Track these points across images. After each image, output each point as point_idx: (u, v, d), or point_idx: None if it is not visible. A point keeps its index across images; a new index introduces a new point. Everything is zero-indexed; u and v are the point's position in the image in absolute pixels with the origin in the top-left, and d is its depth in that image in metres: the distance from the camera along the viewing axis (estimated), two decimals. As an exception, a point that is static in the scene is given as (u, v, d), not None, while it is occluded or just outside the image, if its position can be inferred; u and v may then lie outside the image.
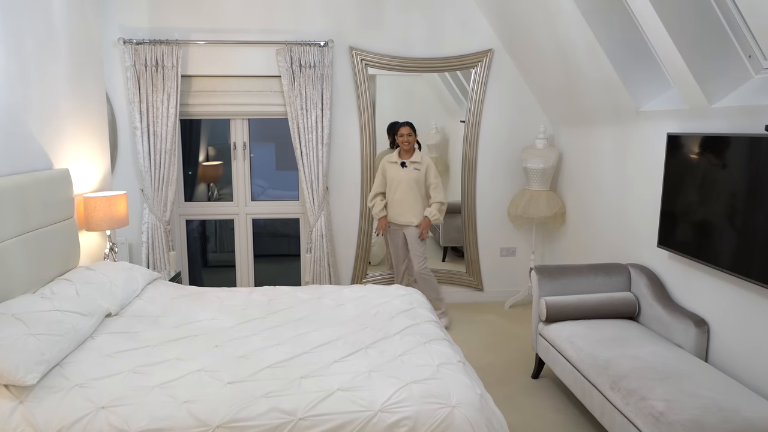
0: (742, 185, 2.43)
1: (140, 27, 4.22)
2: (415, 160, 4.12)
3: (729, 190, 2.51)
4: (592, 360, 2.70)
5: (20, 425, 1.78)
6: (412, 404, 1.87)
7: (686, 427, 2.06)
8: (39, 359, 1.93)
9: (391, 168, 4.18)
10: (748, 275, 2.38)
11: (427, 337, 2.40)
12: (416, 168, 4.12)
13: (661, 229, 3.01)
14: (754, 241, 2.35)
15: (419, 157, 4.13)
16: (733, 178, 2.49)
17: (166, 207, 4.33)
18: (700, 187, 2.71)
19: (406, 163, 4.13)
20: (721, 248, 2.57)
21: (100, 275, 2.79)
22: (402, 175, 4.13)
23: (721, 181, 2.56)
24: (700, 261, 2.70)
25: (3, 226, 2.41)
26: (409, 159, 4.14)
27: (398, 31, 4.45)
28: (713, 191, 2.62)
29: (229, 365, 2.13)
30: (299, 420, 1.81)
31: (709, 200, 2.64)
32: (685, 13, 2.55)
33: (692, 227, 2.77)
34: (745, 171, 2.42)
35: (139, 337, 2.40)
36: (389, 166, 4.19)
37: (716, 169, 2.60)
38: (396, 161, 4.16)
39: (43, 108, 2.93)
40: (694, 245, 2.76)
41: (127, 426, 1.78)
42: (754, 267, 2.35)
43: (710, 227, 2.63)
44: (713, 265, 2.61)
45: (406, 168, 4.12)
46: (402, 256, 4.35)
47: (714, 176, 2.61)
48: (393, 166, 4.17)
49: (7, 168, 2.60)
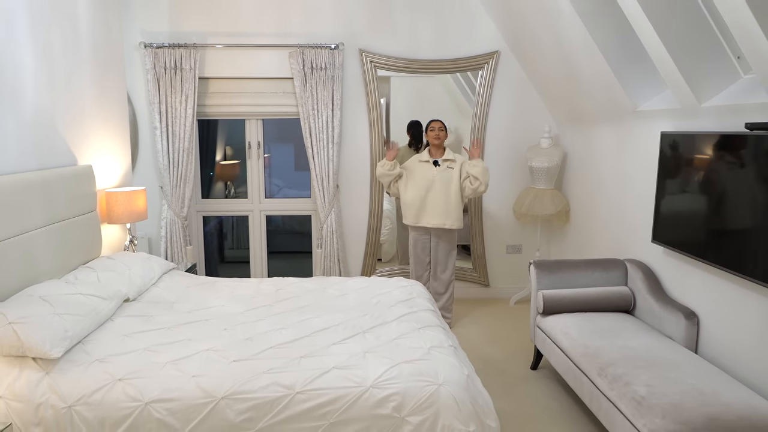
0: (727, 182, 2.52)
1: (160, 31, 4.44)
2: (449, 157, 3.93)
3: (715, 188, 2.61)
4: (584, 349, 2.81)
5: (46, 393, 1.96)
6: (401, 381, 2.01)
7: (665, 410, 2.17)
8: (63, 336, 2.12)
9: (422, 167, 3.95)
10: (735, 269, 2.46)
11: (422, 324, 2.54)
12: (449, 166, 3.91)
13: (655, 226, 3.11)
14: (740, 237, 2.44)
15: (452, 154, 3.95)
16: (719, 175, 2.59)
17: (183, 203, 4.54)
18: (690, 185, 2.80)
19: (438, 161, 3.93)
20: (709, 243, 2.66)
21: (120, 264, 2.99)
22: (434, 174, 3.90)
23: (708, 178, 2.66)
24: (690, 256, 2.79)
25: (31, 217, 2.62)
26: (441, 157, 3.95)
27: (407, 33, 4.59)
28: (701, 188, 2.71)
29: (236, 346, 2.30)
30: (297, 393, 1.97)
31: (698, 197, 2.73)
32: (675, 15, 2.65)
33: (683, 223, 2.87)
34: (729, 168, 2.51)
35: (154, 321, 2.58)
36: (419, 165, 3.96)
37: (703, 166, 2.69)
38: (428, 160, 3.95)
39: (68, 109, 3.14)
40: (684, 241, 2.85)
41: (141, 395, 1.96)
42: (740, 261, 2.44)
43: (699, 223, 2.72)
44: (703, 260, 2.70)
45: (439, 167, 3.91)
46: (424, 264, 4.11)
47: (702, 174, 2.71)
48: (424, 165, 3.95)
49: (35, 164, 2.81)
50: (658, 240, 3.07)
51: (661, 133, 3.04)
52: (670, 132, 2.97)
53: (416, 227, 4.03)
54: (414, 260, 4.14)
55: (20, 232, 2.52)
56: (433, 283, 4.15)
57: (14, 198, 2.48)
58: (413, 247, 4.10)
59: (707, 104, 2.73)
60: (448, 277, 4.12)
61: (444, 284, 4.13)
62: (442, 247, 4.05)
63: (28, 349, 2.03)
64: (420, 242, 4.08)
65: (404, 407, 1.95)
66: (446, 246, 4.04)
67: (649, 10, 2.64)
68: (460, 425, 1.94)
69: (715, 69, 2.71)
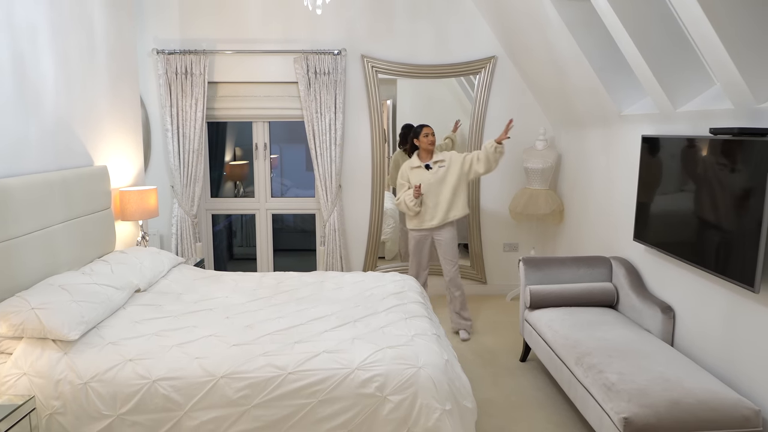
0: (695, 183, 2.68)
1: (172, 38, 4.67)
2: (438, 159, 4.03)
3: (686, 188, 2.77)
4: (564, 340, 2.98)
5: (64, 371, 2.19)
6: (384, 364, 2.20)
7: (631, 395, 2.33)
8: (80, 320, 2.35)
9: (415, 173, 4.04)
10: (703, 265, 2.62)
11: (409, 314, 2.73)
12: (441, 166, 4.00)
13: (636, 225, 3.27)
14: (708, 235, 2.60)
15: (440, 155, 4.05)
16: (688, 176, 2.74)
17: (193, 202, 4.77)
18: (665, 186, 2.96)
19: (430, 165, 4.03)
20: (683, 241, 2.82)
21: (132, 257, 3.21)
22: (428, 177, 4.00)
23: (679, 178, 2.82)
24: (667, 253, 2.95)
25: (52, 214, 2.85)
26: (431, 160, 4.05)
27: (407, 39, 4.78)
28: (675, 189, 2.87)
29: (236, 332, 2.51)
30: (289, 374, 2.17)
31: (672, 198, 2.90)
32: (653, 27, 2.81)
33: (660, 223, 3.03)
34: (697, 170, 2.67)
35: (162, 309, 2.80)
36: (413, 171, 4.06)
37: (675, 167, 2.85)
38: (419, 165, 4.04)
39: (85, 113, 3.38)
40: (662, 239, 3.01)
41: (149, 374, 2.17)
42: (708, 258, 2.60)
43: (675, 222, 2.88)
44: (677, 257, 2.85)
45: (431, 170, 4.01)
46: (425, 264, 4.18)
47: (674, 174, 2.87)
48: (416, 171, 4.04)
49: (55, 164, 3.04)
50: (639, 238, 3.23)
51: (641, 137, 3.20)
52: (649, 135, 3.13)
53: (420, 230, 4.09)
54: (412, 259, 4.20)
55: (42, 227, 2.76)
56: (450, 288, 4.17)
57: (37, 196, 2.72)
58: (414, 247, 4.15)
59: (682, 110, 2.89)
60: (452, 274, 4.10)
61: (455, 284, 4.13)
62: (444, 242, 4.06)
63: (48, 331, 2.26)
64: (419, 242, 4.12)
65: (386, 387, 2.15)
66: (447, 239, 4.06)
67: (627, 22, 2.80)
68: (436, 404, 2.13)
69: (690, 77, 2.87)
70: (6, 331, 2.28)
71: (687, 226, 2.76)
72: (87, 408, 2.13)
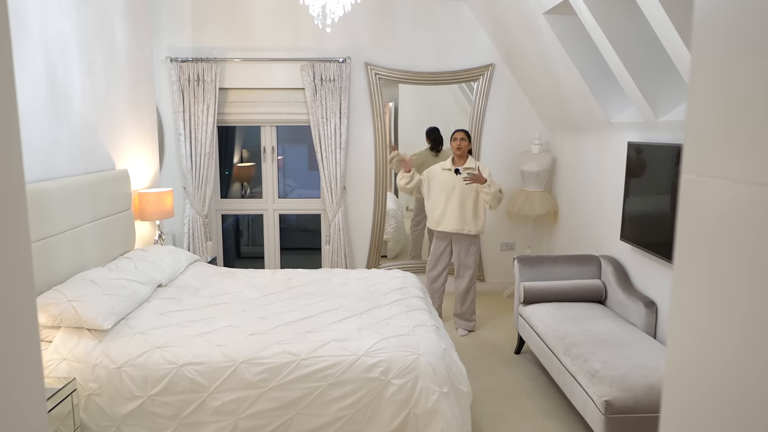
0: (671, 187, 2.91)
1: (184, 47, 4.91)
2: (469, 166, 4.07)
3: (663, 191, 3.00)
4: (554, 332, 3.21)
5: (100, 357, 2.42)
6: (388, 351, 2.44)
7: (613, 380, 2.57)
8: (111, 312, 2.58)
9: (444, 175, 4.10)
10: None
11: (410, 308, 2.97)
12: (470, 173, 4.00)
13: (622, 225, 3.50)
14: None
15: (473, 162, 4.09)
16: (666, 181, 2.98)
17: (204, 203, 5.01)
18: (648, 189, 3.20)
19: (460, 170, 4.07)
20: (663, 241, 3.05)
21: (153, 255, 3.45)
22: (455, 182, 4.05)
23: (659, 182, 3.05)
24: (649, 252, 3.19)
25: (81, 214, 3.09)
26: (463, 165, 4.10)
27: (408, 47, 5.01)
28: (655, 192, 3.10)
29: (252, 323, 2.74)
30: (302, 360, 2.40)
31: (652, 199, 3.13)
32: (635, 40, 3.04)
33: (644, 223, 3.26)
34: (673, 175, 2.90)
35: (183, 303, 3.04)
36: (442, 173, 4.12)
37: (656, 172, 3.09)
38: (450, 168, 4.11)
39: (108, 119, 3.61)
40: (645, 239, 3.24)
41: (176, 359, 2.41)
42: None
43: (656, 223, 3.12)
44: (659, 255, 3.09)
45: (460, 175, 4.05)
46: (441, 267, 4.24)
47: (655, 179, 3.10)
48: (446, 173, 4.11)
49: (83, 168, 3.28)
50: (625, 238, 3.46)
51: (627, 143, 3.43)
52: (634, 142, 3.36)
53: (437, 231, 4.23)
54: (430, 258, 4.33)
55: (73, 226, 3.00)
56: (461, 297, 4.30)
57: (68, 198, 2.95)
58: (433, 249, 4.28)
59: (663, 119, 3.12)
60: (465, 284, 4.22)
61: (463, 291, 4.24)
62: (462, 251, 4.18)
63: (84, 321, 2.49)
64: (440, 246, 4.23)
65: (390, 372, 2.38)
66: (465, 249, 4.17)
67: (612, 36, 3.03)
68: (435, 387, 2.36)
69: (671, 87, 3.10)
70: (46, 321, 2.51)
71: (667, 228, 2.99)
72: (121, 390, 2.37)
